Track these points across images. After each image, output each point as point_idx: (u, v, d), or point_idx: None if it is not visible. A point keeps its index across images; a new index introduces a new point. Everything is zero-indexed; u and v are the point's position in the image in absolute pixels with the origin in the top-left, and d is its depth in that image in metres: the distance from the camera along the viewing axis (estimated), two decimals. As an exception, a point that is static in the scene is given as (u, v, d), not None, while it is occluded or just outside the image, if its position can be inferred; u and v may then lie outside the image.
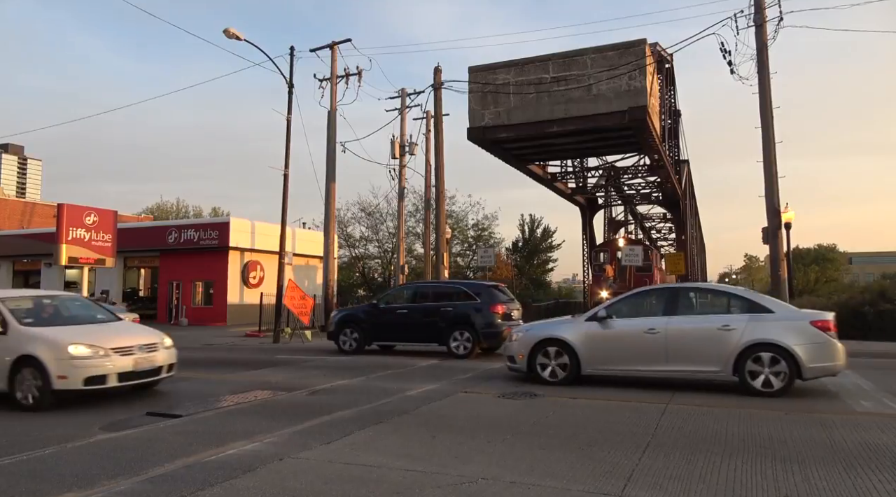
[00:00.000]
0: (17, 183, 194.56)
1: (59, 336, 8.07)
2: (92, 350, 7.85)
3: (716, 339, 8.52)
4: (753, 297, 9.04)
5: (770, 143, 16.55)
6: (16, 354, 7.86)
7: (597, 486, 4.45)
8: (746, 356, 8.30)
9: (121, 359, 8.01)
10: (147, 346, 8.51)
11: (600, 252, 33.71)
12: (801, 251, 66.44)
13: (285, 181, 22.12)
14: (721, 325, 8.58)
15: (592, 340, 9.31)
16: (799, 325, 8.40)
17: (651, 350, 8.92)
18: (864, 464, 4.99)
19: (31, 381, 7.77)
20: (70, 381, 7.68)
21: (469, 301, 14.02)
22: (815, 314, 8.86)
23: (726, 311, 9.01)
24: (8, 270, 36.42)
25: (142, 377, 8.33)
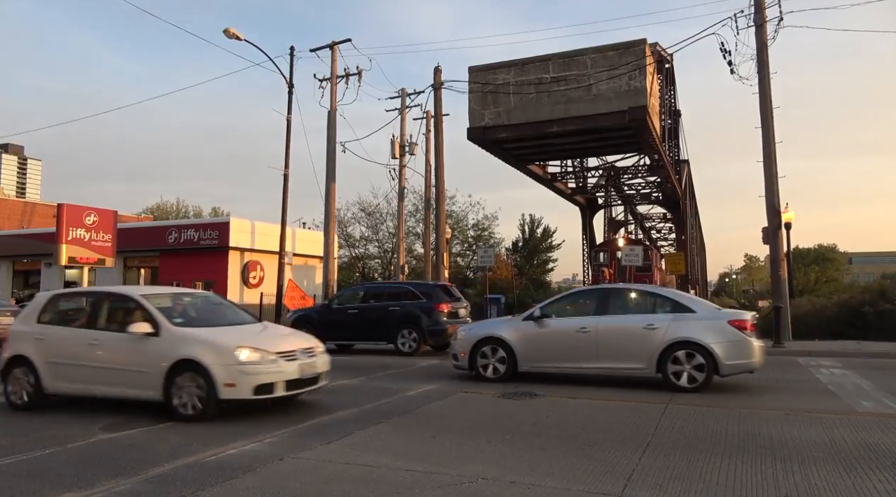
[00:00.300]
0: (17, 183, 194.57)
1: (223, 338, 7.22)
2: (260, 355, 6.96)
3: (641, 338, 8.90)
4: (677, 298, 9.45)
5: (770, 143, 16.55)
6: (173, 359, 6.96)
7: (597, 486, 4.45)
8: (669, 354, 8.67)
9: (287, 365, 7.10)
10: (307, 351, 7.57)
11: (600, 252, 33.71)
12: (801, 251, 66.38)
13: (285, 181, 22.14)
14: (646, 325, 8.95)
15: (528, 339, 9.67)
16: (718, 325, 8.76)
17: (582, 348, 9.21)
18: (864, 464, 4.99)
19: (193, 389, 6.85)
20: (239, 389, 6.77)
21: (416, 301, 14.64)
22: (734, 314, 9.23)
23: (652, 311, 9.36)
24: (8, 270, 36.42)
25: (306, 385, 7.42)
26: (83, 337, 7.69)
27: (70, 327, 8.07)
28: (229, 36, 20.48)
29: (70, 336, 7.86)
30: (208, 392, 6.78)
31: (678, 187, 35.05)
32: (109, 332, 7.65)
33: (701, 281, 54.75)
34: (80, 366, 7.56)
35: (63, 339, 7.87)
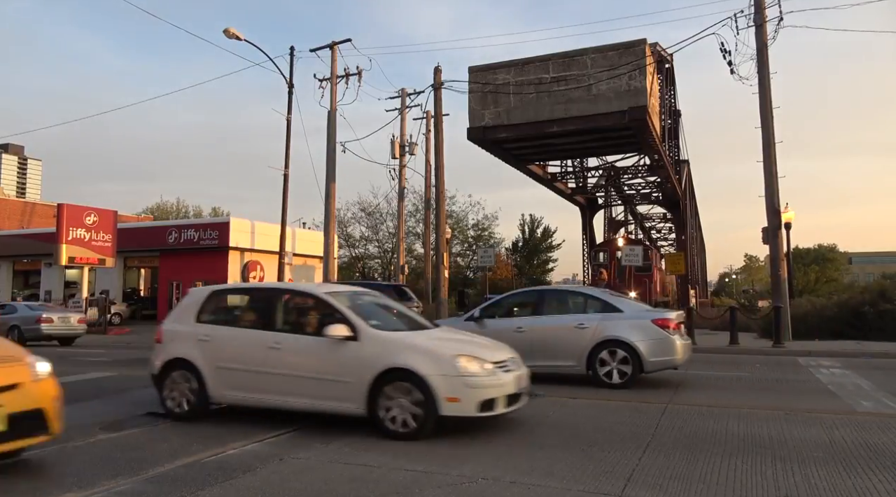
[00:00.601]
0: (17, 183, 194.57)
1: (437, 345, 6.41)
2: (479, 365, 6.06)
3: (572, 337, 9.35)
4: (606, 298, 9.90)
5: (770, 143, 16.55)
6: (380, 367, 6.05)
7: (597, 486, 4.45)
8: (597, 352, 9.11)
9: (505, 376, 6.21)
10: (515, 361, 6.68)
11: (599, 252, 33.69)
12: (801, 251, 66.38)
13: (285, 181, 22.15)
14: (577, 324, 9.40)
15: None
16: (643, 324, 9.18)
17: (518, 347, 9.16)
18: (864, 464, 4.99)
19: (405, 403, 5.95)
20: (462, 405, 5.88)
21: None
22: (658, 313, 9.70)
23: (584, 311, 9.76)
24: (8, 270, 36.42)
25: (518, 400, 6.45)
26: (261, 339, 6.71)
27: (241, 328, 7.17)
28: (229, 36, 20.50)
29: (244, 338, 6.92)
30: (426, 407, 5.86)
31: (678, 187, 35.05)
32: (293, 334, 6.80)
33: (701, 281, 54.77)
34: (259, 373, 6.61)
35: (235, 341, 6.95)
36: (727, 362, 12.50)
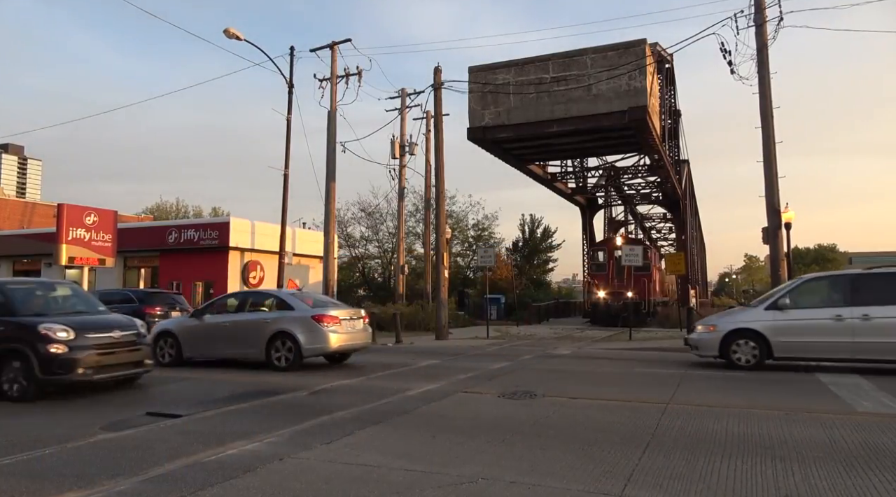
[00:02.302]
0: (17, 183, 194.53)
1: None
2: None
3: (256, 330, 11.85)
4: (285, 298, 12.33)
5: (770, 142, 16.54)
6: None
7: (597, 486, 4.45)
8: (272, 342, 11.54)
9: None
10: None
11: (598, 251, 33.70)
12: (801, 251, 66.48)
13: (285, 181, 22.15)
14: (261, 320, 11.98)
15: (190, 332, 12.58)
16: (304, 319, 11.54)
17: (224, 337, 12.22)
18: (864, 464, 4.99)
19: None
20: None
21: None
22: (317, 311, 11.74)
23: (269, 310, 12.24)
24: (8, 270, 36.42)
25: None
26: None
27: None
28: (229, 36, 20.49)
29: None
30: None
31: (678, 187, 35.05)
32: None
33: (701, 281, 54.74)
34: None
35: None
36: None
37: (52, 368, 8.23)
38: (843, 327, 10.56)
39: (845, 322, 10.53)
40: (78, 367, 8.38)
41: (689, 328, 16.54)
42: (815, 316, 10.96)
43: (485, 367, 11.85)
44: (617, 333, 22.73)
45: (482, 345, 17.82)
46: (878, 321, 10.35)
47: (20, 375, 8.33)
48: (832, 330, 10.67)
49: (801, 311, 11.10)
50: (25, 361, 8.27)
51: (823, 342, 10.76)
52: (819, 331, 10.79)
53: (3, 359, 8.48)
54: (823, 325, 10.76)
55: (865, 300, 10.62)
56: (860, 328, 10.46)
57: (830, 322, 10.71)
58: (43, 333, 8.28)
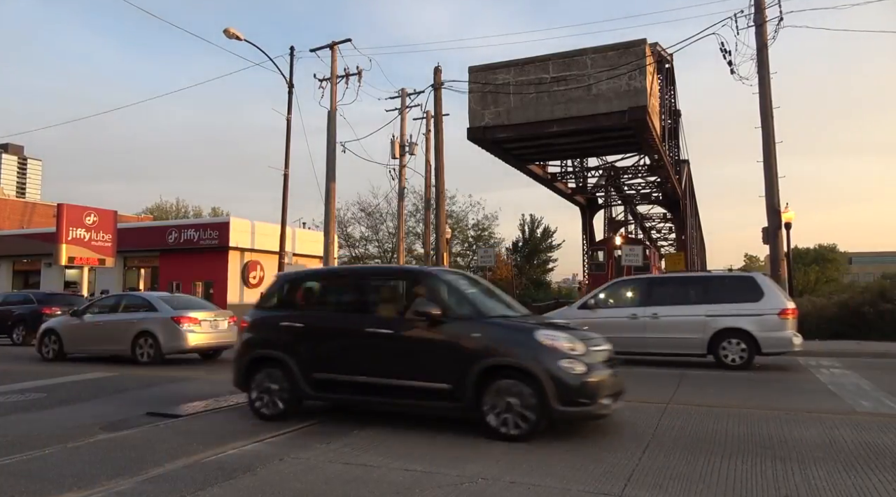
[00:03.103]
0: (17, 183, 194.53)
1: None
2: None
3: (125, 328, 13.36)
4: (151, 300, 13.86)
5: (770, 142, 16.56)
6: None
7: (597, 486, 4.45)
8: (137, 339, 13.16)
9: None
10: None
11: (597, 251, 33.70)
12: (801, 251, 66.50)
13: (285, 181, 22.15)
14: (130, 320, 13.51)
15: (71, 330, 13.95)
16: (165, 320, 13.03)
17: (99, 335, 13.72)
18: (864, 464, 4.99)
19: None
20: None
21: None
22: (180, 313, 13.17)
23: (141, 311, 13.65)
24: (8, 270, 36.41)
25: None
26: None
27: None
28: (229, 36, 20.50)
29: None
30: None
31: (678, 187, 35.06)
32: None
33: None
34: None
35: None
36: (727, 362, 12.47)
37: (571, 396, 5.71)
38: (637, 324, 12.04)
39: (639, 320, 12.04)
40: (601, 395, 5.87)
41: None
42: (616, 314, 12.34)
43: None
44: (617, 333, 22.70)
45: (482, 345, 17.77)
46: (664, 319, 11.87)
47: (523, 405, 5.76)
48: (628, 327, 12.06)
49: (606, 310, 12.50)
50: (531, 385, 5.74)
51: (622, 337, 11.62)
52: (618, 327, 11.88)
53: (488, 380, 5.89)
54: (622, 323, 12.09)
55: (656, 301, 12.15)
56: (650, 325, 11.95)
57: (627, 320, 12.15)
58: (549, 345, 5.85)
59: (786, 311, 11.31)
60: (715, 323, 11.52)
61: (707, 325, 11.56)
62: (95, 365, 12.84)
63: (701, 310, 11.75)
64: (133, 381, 10.31)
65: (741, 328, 11.30)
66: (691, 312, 11.78)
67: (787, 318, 11.28)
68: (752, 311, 11.35)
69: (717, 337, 11.47)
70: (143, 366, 12.60)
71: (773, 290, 11.71)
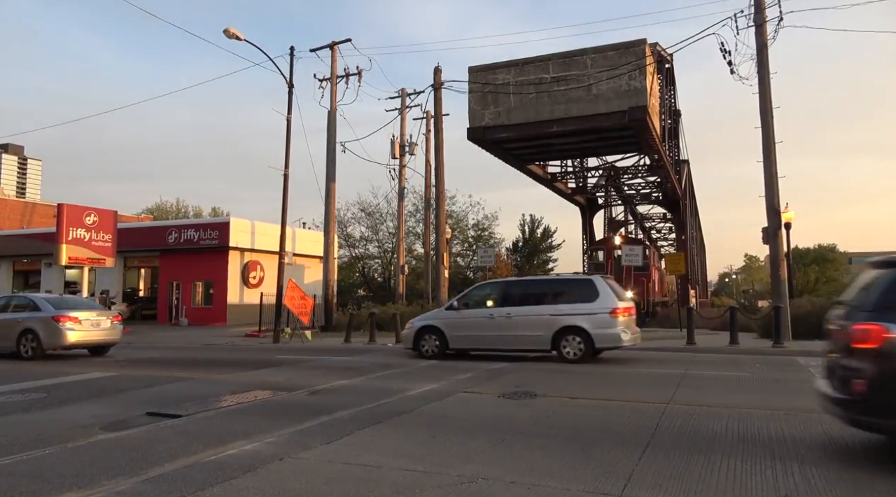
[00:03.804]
0: (17, 183, 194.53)
1: None
2: None
3: (11, 327, 14.49)
4: (36, 300, 15.09)
5: (770, 143, 16.54)
6: None
7: (597, 486, 4.45)
8: (21, 336, 14.29)
9: None
10: None
11: (597, 250, 33.66)
12: (801, 251, 66.36)
13: (285, 181, 22.12)
14: (14, 319, 14.61)
15: None
16: (46, 318, 14.19)
17: None
18: (864, 464, 4.99)
19: None
20: None
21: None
22: (61, 312, 14.22)
23: (27, 311, 14.73)
24: (8, 270, 36.42)
25: None
26: None
27: None
28: (229, 36, 20.48)
29: None
30: None
31: (678, 187, 35.06)
32: None
33: (701, 281, 54.74)
34: None
35: None
36: (727, 362, 12.49)
37: None
38: (494, 324, 13.12)
39: (495, 319, 13.12)
40: None
41: (689, 329, 16.54)
42: (476, 315, 13.49)
43: (485, 367, 11.85)
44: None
45: (482, 345, 17.78)
46: (516, 318, 12.97)
47: None
48: (487, 325, 13.21)
49: (469, 311, 13.65)
50: None
51: (481, 335, 13.31)
52: (478, 326, 13.31)
53: None
54: (481, 322, 13.29)
55: (511, 302, 13.27)
56: (504, 324, 13.02)
57: (485, 320, 13.27)
58: None
59: (616, 310, 12.33)
60: (557, 321, 12.60)
61: (551, 324, 12.64)
62: (96, 365, 12.84)
63: (547, 310, 12.90)
64: (133, 381, 10.32)
65: (578, 326, 12.39)
66: (539, 312, 12.90)
67: (617, 317, 12.29)
68: (588, 310, 12.44)
69: (559, 334, 12.54)
70: (146, 366, 12.54)
71: (608, 291, 12.63)
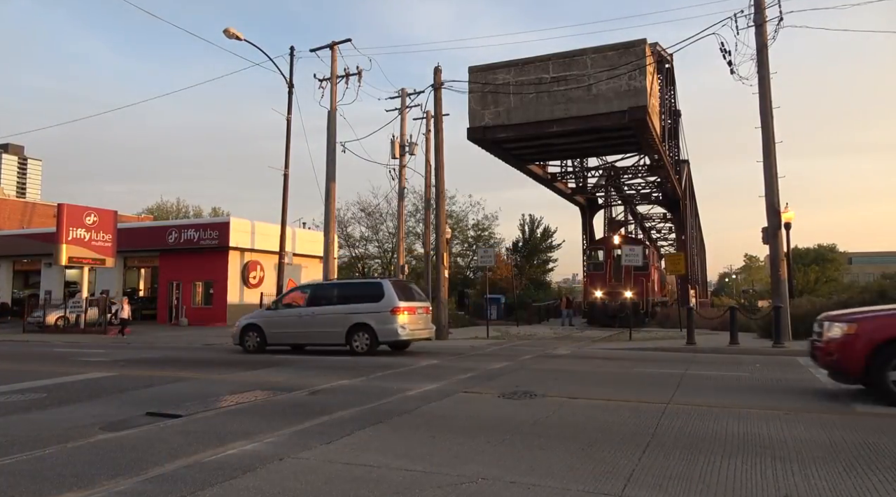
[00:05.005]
0: (17, 183, 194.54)
1: None
2: None
3: None
4: None
5: (770, 143, 16.54)
6: None
7: (597, 486, 4.45)
8: None
9: None
10: None
11: (597, 250, 33.66)
12: (801, 251, 66.35)
13: (285, 181, 22.14)
14: None
15: None
16: None
17: None
18: (864, 464, 4.99)
19: None
20: None
21: None
22: None
23: None
24: (8, 270, 36.41)
25: None
26: None
27: None
28: (229, 36, 20.49)
29: None
30: None
31: (678, 187, 35.06)
32: None
33: (701, 281, 54.77)
34: None
35: None
36: (727, 362, 12.49)
37: None
38: (302, 321, 15.08)
39: (303, 318, 15.14)
40: None
41: (689, 328, 16.54)
42: (289, 314, 15.54)
43: (485, 367, 11.85)
44: (616, 333, 22.72)
45: (482, 345, 17.82)
46: (319, 317, 14.94)
47: None
48: (296, 323, 15.20)
49: (285, 311, 15.77)
50: None
51: (292, 332, 15.34)
52: (290, 324, 15.31)
53: None
54: (292, 321, 15.31)
55: (317, 303, 15.25)
56: (310, 321, 14.97)
57: (296, 318, 15.32)
58: None
59: (396, 309, 14.36)
60: (350, 319, 14.60)
61: (345, 321, 14.63)
62: (96, 365, 12.85)
63: (344, 309, 14.82)
64: (133, 381, 10.31)
65: (366, 323, 14.46)
66: (337, 311, 14.85)
67: (396, 315, 14.32)
68: (375, 309, 14.45)
69: (351, 330, 14.56)
70: (146, 366, 12.59)
71: (392, 293, 14.59)
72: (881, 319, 7.92)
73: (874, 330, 7.67)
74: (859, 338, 7.63)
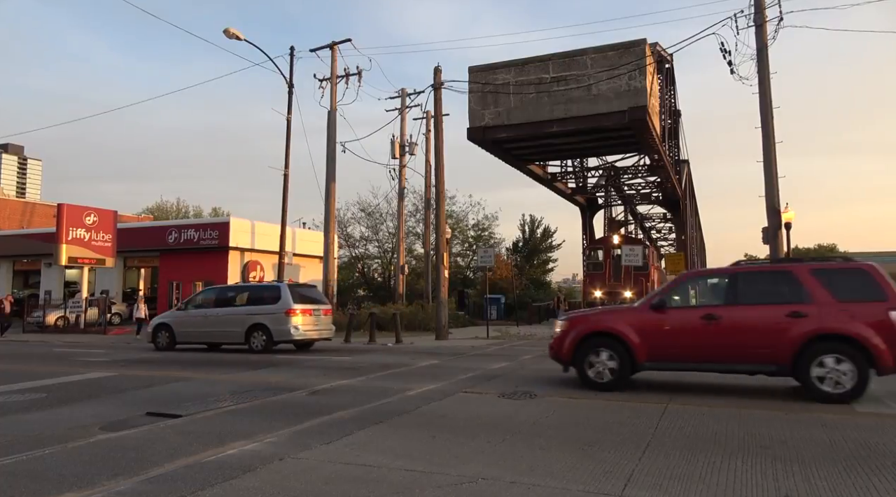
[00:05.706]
0: (17, 183, 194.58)
1: None
2: None
3: None
4: None
5: (770, 142, 16.53)
6: None
7: (597, 486, 4.45)
8: None
9: None
10: None
11: (595, 250, 33.65)
12: (801, 251, 66.39)
13: (285, 181, 22.15)
14: None
15: None
16: None
17: None
18: (864, 464, 4.99)
19: None
20: None
21: None
22: None
23: None
24: (8, 270, 36.41)
25: None
26: None
27: None
28: (229, 36, 20.49)
29: None
30: None
31: (678, 187, 35.07)
32: None
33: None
34: None
35: None
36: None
37: None
38: (207, 321, 16.18)
39: (208, 318, 16.12)
40: None
41: None
42: (197, 314, 16.37)
43: (485, 367, 11.85)
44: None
45: (482, 345, 17.82)
46: (222, 317, 15.99)
47: None
48: (202, 323, 16.19)
49: (193, 311, 16.57)
50: None
51: (198, 331, 16.27)
52: (197, 324, 16.21)
53: None
54: (199, 320, 16.20)
55: (220, 304, 16.38)
56: (214, 321, 16.04)
57: (202, 318, 16.18)
58: None
59: (290, 310, 15.18)
60: (249, 320, 15.57)
61: (245, 321, 15.59)
62: (96, 365, 12.85)
63: (244, 310, 15.83)
64: (133, 381, 10.31)
65: (262, 323, 15.40)
66: (238, 312, 15.86)
67: (290, 316, 15.15)
68: (271, 311, 15.35)
69: (250, 330, 15.51)
70: (146, 366, 12.67)
71: (288, 296, 15.37)
72: (587, 317, 9.27)
73: (580, 326, 8.96)
74: (568, 334, 8.97)
